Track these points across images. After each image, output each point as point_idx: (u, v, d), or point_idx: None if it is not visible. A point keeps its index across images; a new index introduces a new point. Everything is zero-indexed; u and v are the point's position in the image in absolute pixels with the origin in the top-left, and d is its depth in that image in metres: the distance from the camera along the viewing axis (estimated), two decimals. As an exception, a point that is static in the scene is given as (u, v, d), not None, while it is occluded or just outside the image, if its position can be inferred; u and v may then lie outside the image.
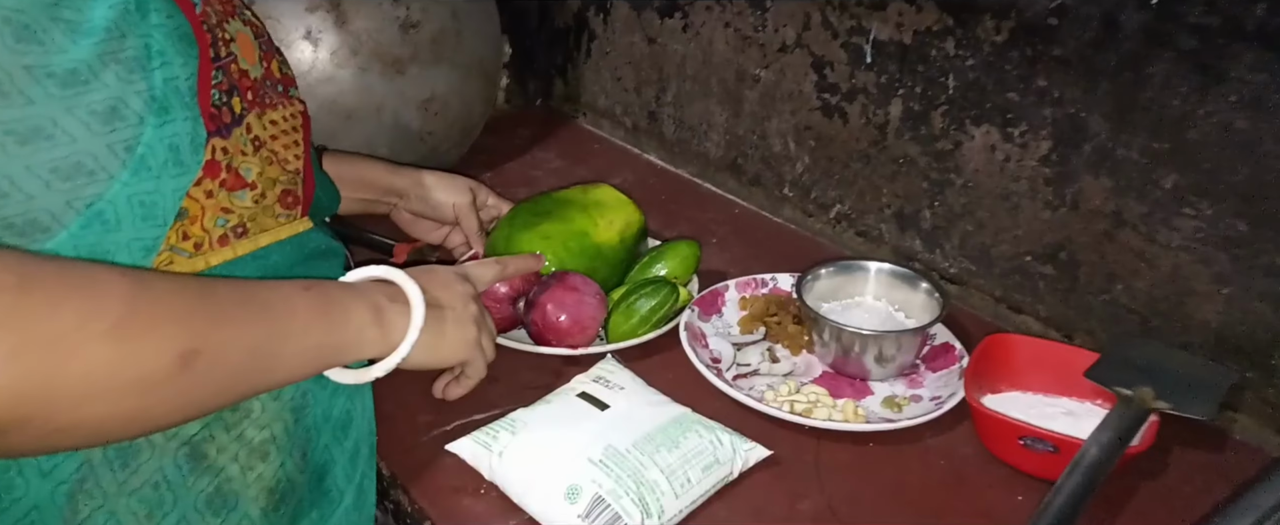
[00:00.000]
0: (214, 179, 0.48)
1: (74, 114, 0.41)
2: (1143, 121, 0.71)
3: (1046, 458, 0.63)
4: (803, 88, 0.97)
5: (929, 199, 0.89)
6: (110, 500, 0.46)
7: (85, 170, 0.42)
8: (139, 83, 0.43)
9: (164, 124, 0.44)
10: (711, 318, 0.81)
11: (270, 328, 0.46)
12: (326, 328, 0.50)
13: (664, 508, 0.58)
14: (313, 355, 0.50)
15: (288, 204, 0.54)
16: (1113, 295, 0.77)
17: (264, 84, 0.53)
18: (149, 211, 0.44)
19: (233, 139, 0.49)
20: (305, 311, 0.49)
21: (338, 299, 0.52)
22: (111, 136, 0.42)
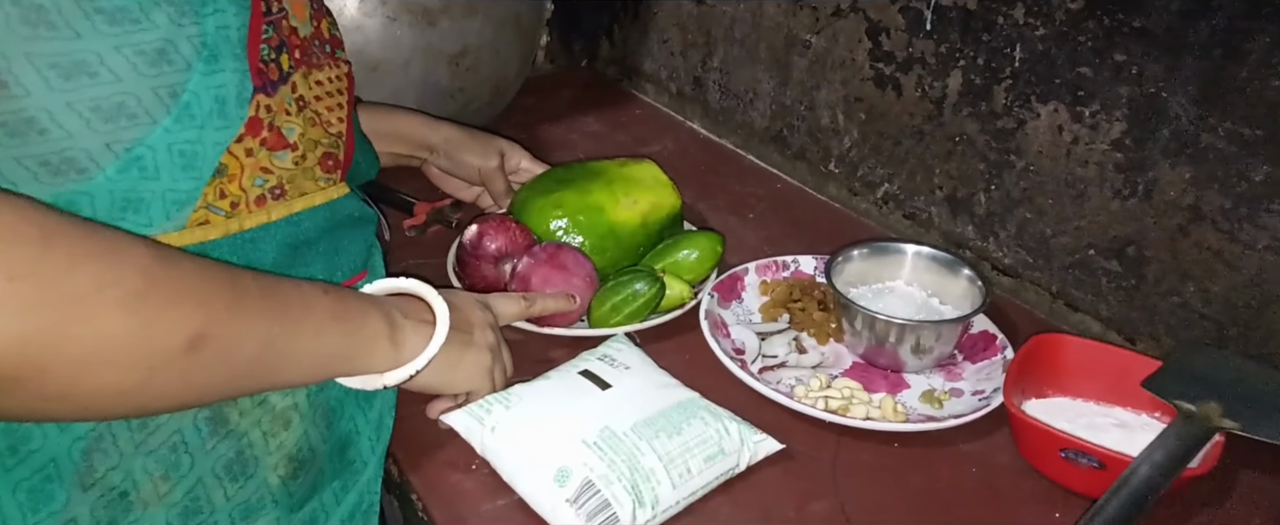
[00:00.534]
0: (255, 137, 0.47)
1: (121, 52, 0.40)
2: (1234, 104, 0.63)
3: (1091, 473, 0.57)
4: (855, 56, 0.90)
5: (985, 182, 0.82)
6: (126, 459, 0.45)
7: (127, 112, 0.41)
8: (190, 27, 0.42)
9: (212, 72, 0.43)
10: (731, 304, 0.76)
11: (285, 325, 0.45)
12: (340, 335, 0.48)
13: (658, 498, 0.54)
14: (322, 361, 0.48)
15: (328, 167, 0.52)
16: (1184, 298, 0.69)
17: (312, 43, 0.52)
18: (189, 162, 0.43)
19: (278, 97, 0.48)
20: (321, 315, 0.47)
21: (355, 308, 0.50)
22: (157, 80, 0.41)
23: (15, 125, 0.39)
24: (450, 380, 0.58)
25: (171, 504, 0.47)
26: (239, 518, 0.50)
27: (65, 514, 0.44)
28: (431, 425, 0.62)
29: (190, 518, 0.48)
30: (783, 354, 0.72)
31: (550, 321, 0.71)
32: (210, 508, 0.49)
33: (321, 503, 0.54)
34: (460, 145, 0.85)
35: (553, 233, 0.76)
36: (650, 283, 0.71)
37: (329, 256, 0.53)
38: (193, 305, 0.40)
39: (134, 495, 0.46)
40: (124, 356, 0.38)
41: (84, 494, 0.44)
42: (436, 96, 0.94)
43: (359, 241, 0.57)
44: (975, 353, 0.71)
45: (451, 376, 0.57)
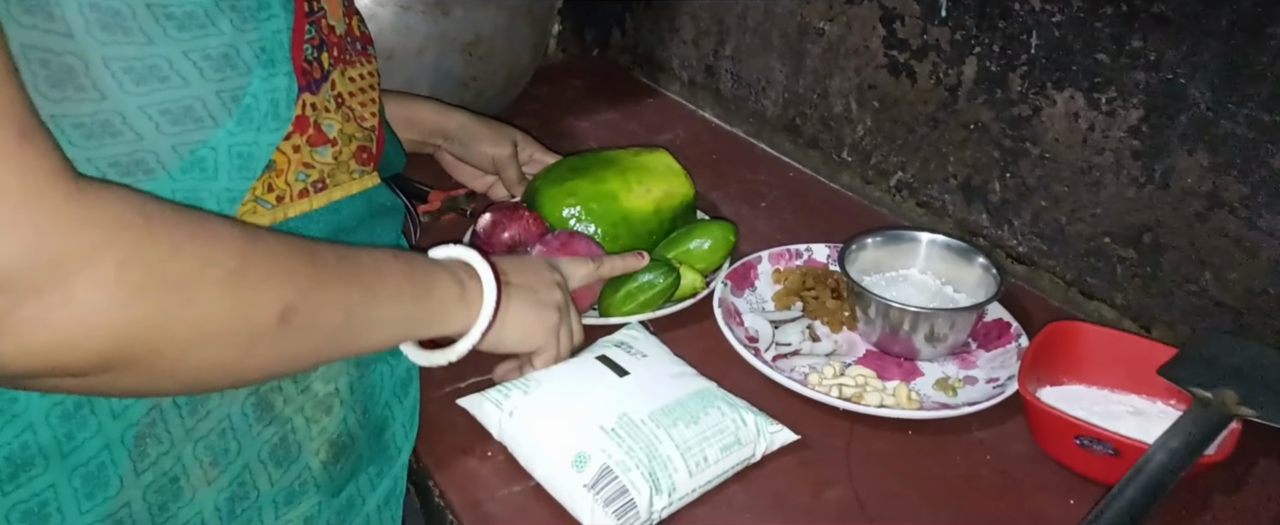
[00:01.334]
0: (301, 134, 0.48)
1: (189, 57, 0.41)
2: (1253, 91, 0.62)
3: (1106, 461, 0.57)
4: (869, 43, 0.90)
5: (1000, 170, 0.81)
6: (177, 445, 0.46)
7: (194, 115, 0.42)
8: (251, 33, 0.44)
9: (269, 76, 0.45)
10: (744, 292, 0.76)
11: (364, 292, 0.47)
12: (414, 296, 0.50)
13: (676, 485, 0.54)
14: (399, 323, 0.50)
15: (362, 160, 0.53)
16: (1201, 285, 0.69)
17: (346, 40, 0.53)
18: (245, 162, 0.45)
19: (320, 95, 0.49)
20: (395, 278, 0.49)
21: (424, 269, 0.52)
22: (221, 84, 0.43)
23: (92, 127, 0.40)
24: (516, 335, 0.58)
25: (219, 489, 0.48)
26: (282, 503, 0.51)
27: (119, 499, 0.45)
28: (449, 410, 0.62)
29: (237, 503, 0.49)
30: (796, 342, 0.72)
31: (565, 309, 0.71)
32: (256, 493, 0.50)
33: (358, 487, 0.55)
34: (474, 133, 0.86)
35: (566, 221, 0.76)
36: (665, 272, 0.71)
37: (366, 243, 0.54)
38: (283, 280, 0.41)
39: (184, 480, 0.47)
40: (225, 333, 0.39)
41: (137, 478, 0.45)
42: (450, 85, 0.94)
43: (390, 230, 0.58)
44: (989, 341, 0.71)
45: (516, 331, 0.58)
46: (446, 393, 0.64)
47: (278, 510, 0.51)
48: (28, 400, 0.42)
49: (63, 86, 0.38)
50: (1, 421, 0.42)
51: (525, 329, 0.59)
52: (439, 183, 0.90)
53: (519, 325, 0.58)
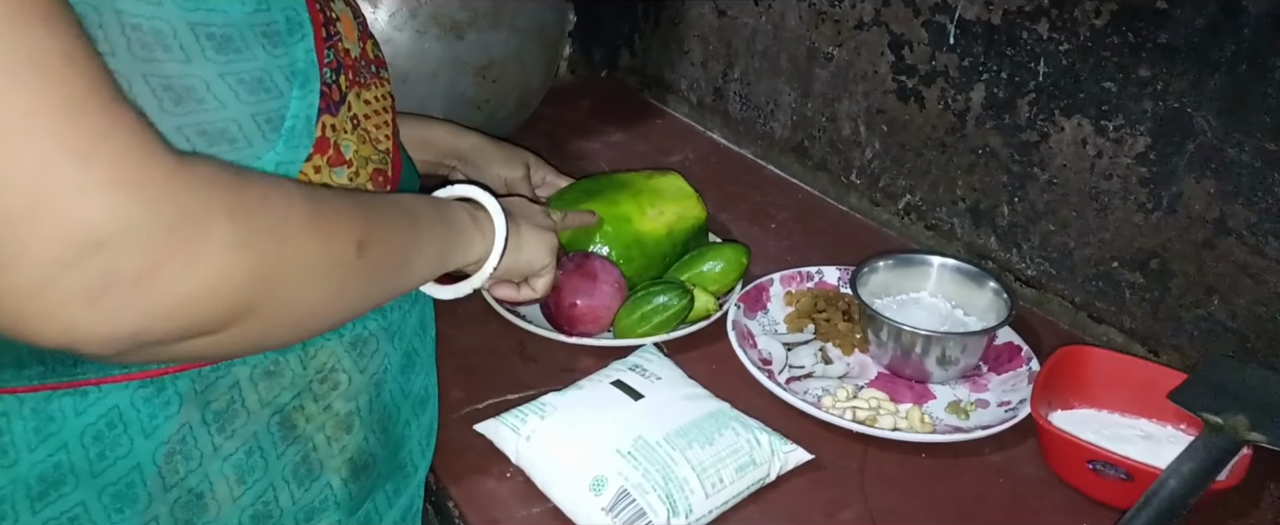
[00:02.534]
0: (322, 155, 0.49)
1: (225, 80, 0.42)
2: (1259, 120, 0.63)
3: (1118, 485, 0.57)
4: (878, 68, 0.91)
5: (1009, 194, 0.82)
6: (205, 463, 0.47)
7: (228, 136, 0.43)
8: (283, 56, 0.44)
9: (304, 96, 0.46)
10: (757, 314, 0.77)
11: (409, 228, 0.50)
12: (446, 231, 0.54)
13: (692, 507, 0.55)
14: (435, 256, 0.53)
15: (378, 183, 0.54)
16: (1208, 310, 0.70)
17: (360, 63, 0.54)
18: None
19: (339, 117, 0.50)
20: (428, 216, 0.52)
21: (439, 203, 0.56)
22: (256, 107, 0.43)
23: None
24: (529, 257, 0.62)
25: (243, 507, 0.49)
26: (303, 520, 0.51)
27: (148, 513, 0.45)
28: (467, 433, 0.63)
29: (260, 520, 0.49)
30: (809, 364, 0.72)
31: (579, 330, 0.72)
32: (278, 510, 0.50)
33: (375, 505, 0.55)
34: (488, 155, 0.87)
35: (581, 243, 0.77)
36: (679, 295, 0.72)
37: None
38: (350, 217, 0.44)
39: (209, 496, 0.47)
40: (319, 269, 0.41)
41: (165, 494, 0.46)
42: (463, 107, 0.95)
43: None
44: (1000, 364, 0.72)
45: (529, 253, 0.62)
46: (464, 414, 0.65)
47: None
48: (63, 421, 0.43)
49: None
50: (36, 440, 0.42)
51: (534, 249, 0.63)
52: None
53: (529, 246, 0.62)
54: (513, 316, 0.74)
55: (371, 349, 0.54)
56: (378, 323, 0.54)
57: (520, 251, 0.61)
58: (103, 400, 0.43)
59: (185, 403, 0.45)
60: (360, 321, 0.53)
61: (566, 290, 0.71)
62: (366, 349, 0.54)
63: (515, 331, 0.74)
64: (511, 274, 0.63)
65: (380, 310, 0.55)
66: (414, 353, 0.59)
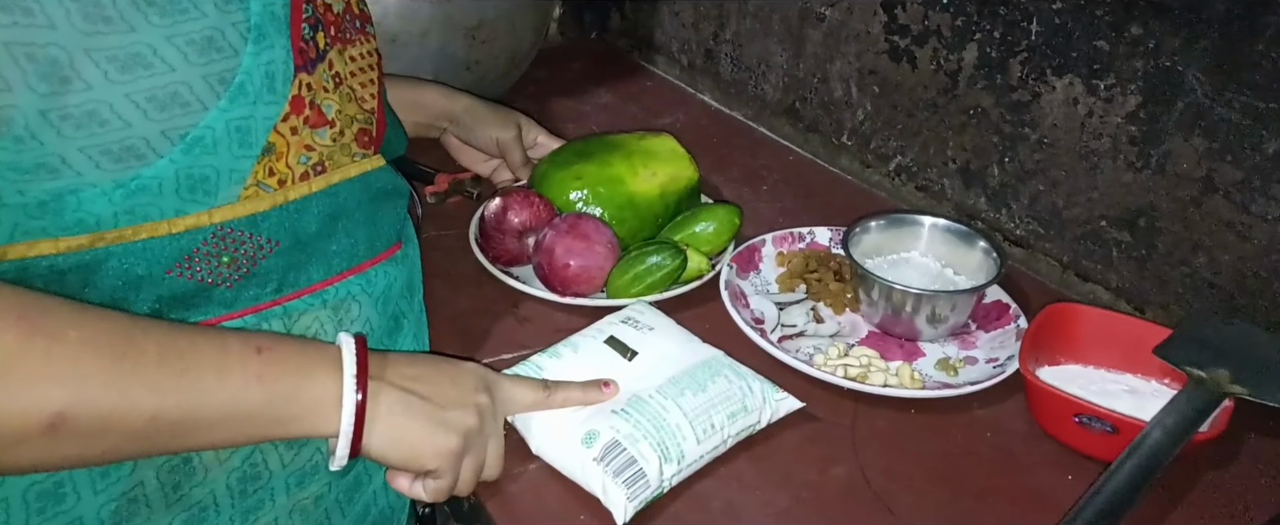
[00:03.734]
0: (299, 115, 0.48)
1: (172, 42, 0.42)
2: (1249, 78, 0.64)
3: (1104, 438, 0.59)
4: (870, 28, 0.91)
5: (999, 154, 0.83)
6: (156, 516, 0.47)
7: (181, 100, 0.42)
8: (236, 13, 0.43)
9: (261, 51, 0.45)
10: (749, 275, 0.78)
11: (184, 397, 0.43)
12: (265, 401, 0.45)
13: (685, 452, 0.56)
14: (243, 425, 0.46)
15: (363, 143, 0.53)
16: (1194, 268, 0.71)
17: (344, 18, 0.53)
18: (244, 137, 0.45)
19: (317, 75, 0.49)
20: (242, 377, 0.45)
21: (296, 366, 0.47)
22: (207, 68, 0.43)
23: (79, 118, 0.40)
24: (400, 454, 0.50)
25: (231, 469, 0.49)
26: (294, 484, 0.52)
27: (133, 478, 0.46)
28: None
29: (249, 483, 0.50)
30: (801, 323, 0.73)
31: (573, 290, 0.72)
32: (267, 474, 0.51)
33: (365, 465, 0.56)
34: (479, 116, 0.86)
35: (572, 204, 0.77)
36: (672, 255, 0.72)
37: (367, 226, 0.55)
38: (57, 384, 0.39)
39: (197, 460, 0.48)
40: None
41: (151, 460, 0.46)
42: (452, 68, 0.94)
43: (392, 213, 0.58)
44: (989, 322, 0.73)
45: (399, 451, 0.50)
46: (459, 374, 0.65)
47: (289, 491, 0.52)
48: None
49: (49, 79, 0.39)
50: None
51: (408, 445, 0.50)
52: (444, 166, 0.90)
53: (397, 440, 0.49)
54: (508, 278, 0.74)
55: (353, 314, 0.54)
56: (360, 285, 0.54)
57: (395, 448, 0.49)
58: None
59: None
60: (342, 285, 0.53)
61: (560, 251, 0.71)
62: (348, 314, 0.53)
63: (510, 292, 0.74)
64: (391, 464, 0.51)
65: (363, 274, 0.54)
66: (401, 315, 0.59)
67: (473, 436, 0.53)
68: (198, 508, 0.49)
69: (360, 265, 0.55)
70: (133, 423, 0.41)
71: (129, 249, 0.44)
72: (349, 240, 0.54)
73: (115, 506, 0.46)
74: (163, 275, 0.46)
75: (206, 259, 0.47)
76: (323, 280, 0.53)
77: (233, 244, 0.47)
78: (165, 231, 0.45)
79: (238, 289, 0.49)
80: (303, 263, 0.51)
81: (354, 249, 0.54)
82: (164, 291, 0.47)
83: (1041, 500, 0.58)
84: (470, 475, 0.54)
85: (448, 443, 0.51)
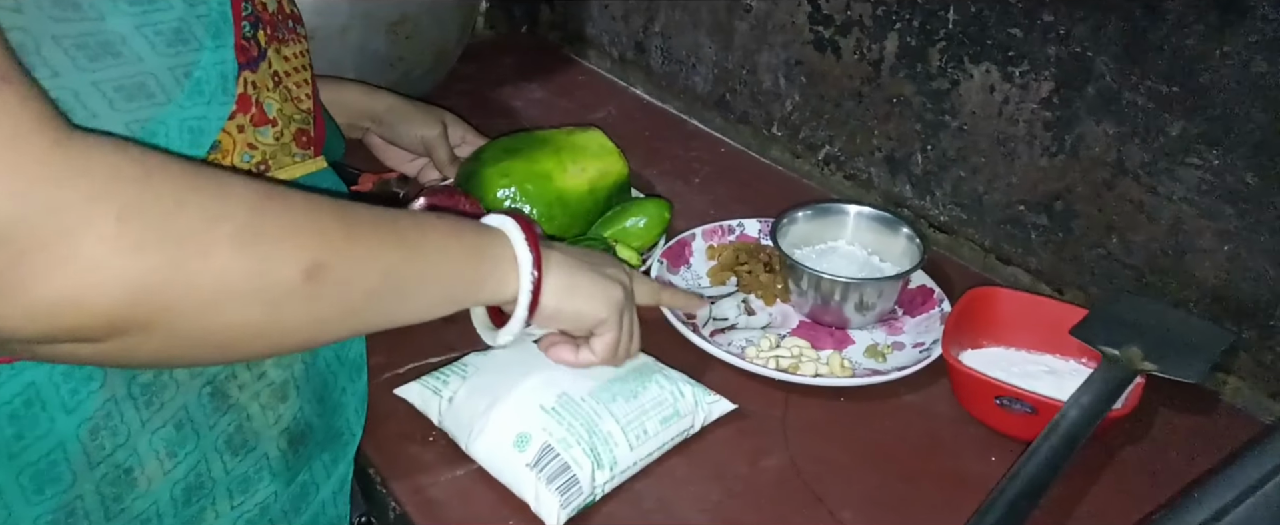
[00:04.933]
0: (245, 113, 0.47)
1: (141, 32, 0.41)
2: (1153, 62, 0.66)
3: (1024, 419, 0.60)
4: (795, 19, 0.91)
5: (922, 142, 0.84)
6: (133, 438, 0.45)
7: (147, 91, 0.41)
8: (201, 6, 0.43)
9: (218, 48, 0.44)
10: (680, 269, 0.78)
11: (405, 251, 0.45)
12: (464, 256, 0.49)
13: (616, 459, 0.55)
14: (450, 285, 0.48)
15: (303, 143, 0.52)
16: (1108, 249, 0.73)
17: (278, 17, 0.52)
18: (196, 137, 0.44)
19: (259, 72, 0.48)
20: (440, 238, 0.48)
21: (473, 228, 0.51)
22: (174, 60, 0.42)
23: None
24: (577, 306, 0.54)
25: (175, 480, 0.47)
26: (237, 491, 0.50)
27: (72, 491, 0.44)
28: (386, 398, 0.62)
29: (192, 492, 0.48)
30: (732, 316, 0.73)
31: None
32: (211, 483, 0.49)
33: (312, 474, 0.55)
34: (403, 114, 0.84)
35: (501, 202, 0.75)
36: (600, 250, 0.71)
37: None
38: (304, 235, 0.40)
39: (139, 472, 0.46)
40: (245, 291, 0.38)
41: (91, 472, 0.44)
42: (376, 65, 0.92)
43: None
44: (914, 307, 0.74)
45: (577, 301, 0.54)
46: (385, 379, 0.64)
47: (232, 498, 0.51)
48: None
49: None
50: None
51: (586, 295, 0.54)
52: (369, 166, 0.88)
53: (576, 289, 0.54)
54: (433, 280, 0.73)
55: None
56: None
57: (569, 299, 0.54)
58: (17, 378, 0.41)
59: (109, 377, 0.43)
60: None
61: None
62: None
63: (437, 295, 0.73)
64: (558, 325, 0.56)
65: None
66: None
67: (628, 289, 0.58)
68: (139, 520, 0.47)
69: None
70: (372, 276, 0.43)
71: None
72: None
73: (52, 519, 0.44)
74: None
75: None
76: None
77: None
78: None
79: None
80: None
81: None
82: None
83: (967, 482, 0.59)
84: (628, 339, 0.58)
85: (614, 292, 0.56)
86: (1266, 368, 0.66)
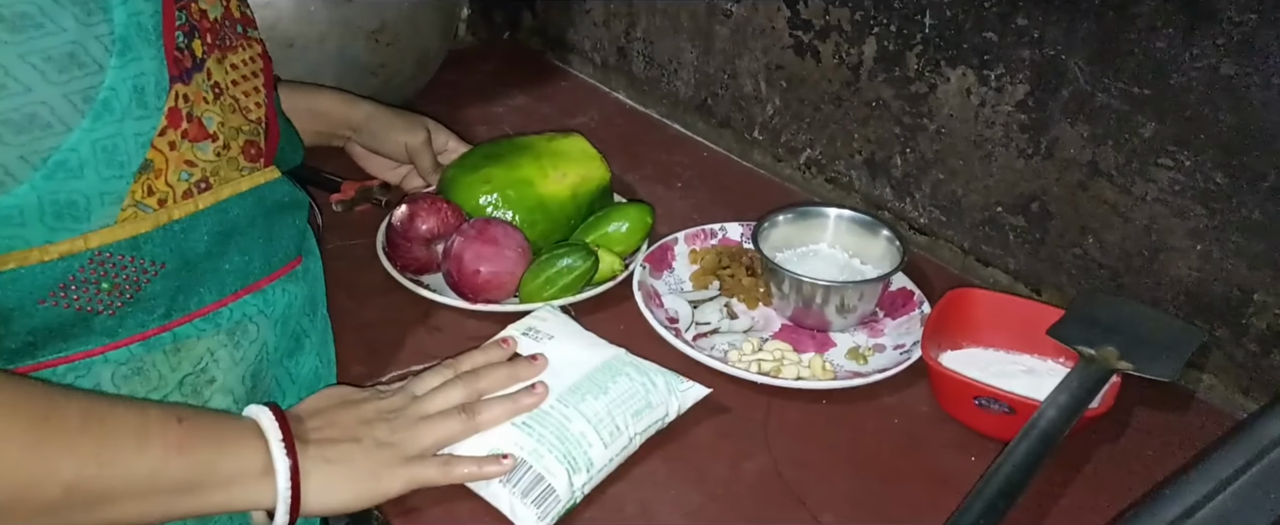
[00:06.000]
0: (176, 129, 0.46)
1: (27, 61, 0.39)
2: (1124, 65, 0.67)
3: (1002, 419, 0.61)
4: (775, 24, 0.92)
5: (901, 145, 0.85)
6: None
7: (40, 122, 0.40)
8: (99, 26, 0.41)
9: (127, 63, 0.42)
10: (663, 274, 0.78)
11: (103, 463, 0.42)
12: (187, 467, 0.45)
13: (592, 460, 0.55)
14: (160, 499, 0.45)
15: (251, 156, 0.51)
16: (1084, 249, 0.74)
17: (223, 24, 0.51)
18: (111, 156, 0.43)
19: (194, 85, 0.47)
20: (162, 446, 0.44)
21: (217, 436, 0.47)
22: (68, 85, 0.40)
23: None
24: (353, 491, 0.50)
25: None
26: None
27: None
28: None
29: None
30: (715, 321, 0.74)
31: (484, 297, 0.71)
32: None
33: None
34: (385, 122, 0.84)
35: (482, 208, 0.76)
36: (583, 256, 0.72)
37: (263, 242, 0.53)
38: (67, 450, 0.39)
39: None
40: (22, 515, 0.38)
41: None
42: (356, 73, 0.92)
43: (290, 227, 0.56)
44: (895, 309, 0.75)
45: (348, 487, 0.50)
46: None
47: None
48: None
49: None
50: None
51: (352, 483, 0.50)
52: (350, 173, 0.88)
53: (340, 485, 0.49)
54: (416, 287, 0.73)
55: (251, 336, 0.52)
56: (257, 305, 0.52)
57: (337, 489, 0.49)
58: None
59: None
60: (237, 306, 0.51)
61: (469, 257, 0.70)
62: (245, 336, 0.52)
63: (419, 302, 0.73)
64: (352, 510, 0.51)
65: (260, 292, 0.53)
66: (303, 334, 0.57)
67: (401, 435, 0.52)
68: None
69: (256, 283, 0.53)
70: (49, 492, 0.41)
71: None
72: (243, 258, 0.52)
73: None
74: (35, 305, 0.44)
75: (84, 286, 0.45)
76: (216, 301, 0.51)
77: (113, 268, 0.45)
78: (36, 259, 0.43)
79: (121, 316, 0.47)
80: (192, 284, 0.49)
81: (248, 267, 0.52)
82: (37, 323, 0.45)
83: (946, 481, 0.59)
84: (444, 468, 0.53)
85: (382, 456, 0.51)
86: (1239, 365, 0.67)
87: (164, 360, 0.49)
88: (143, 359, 0.48)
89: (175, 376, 0.49)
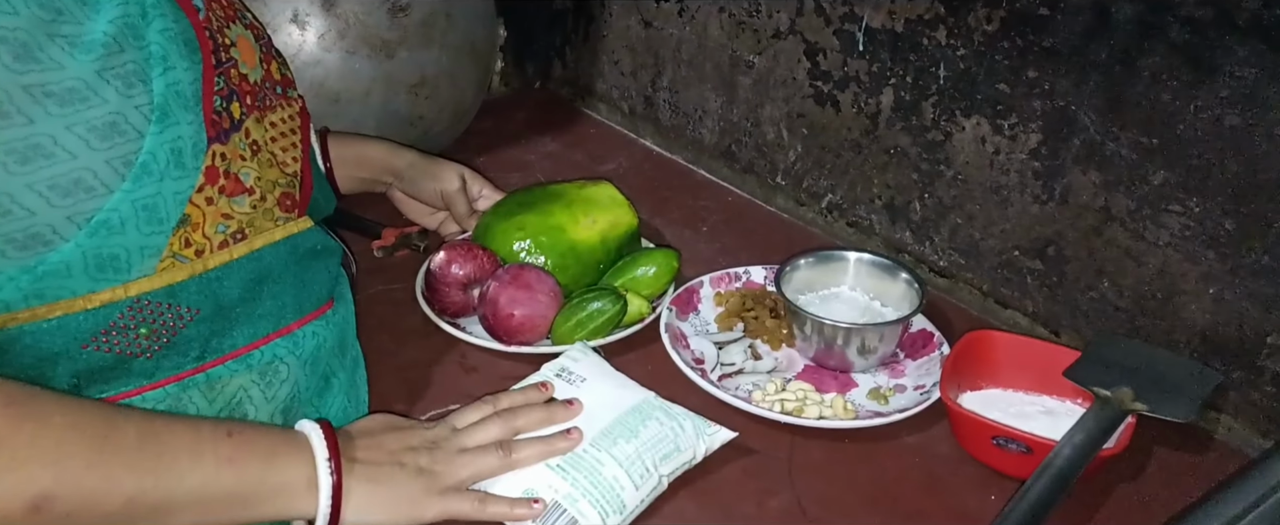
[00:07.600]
0: (214, 185, 0.49)
1: (73, 131, 0.42)
2: (1133, 116, 0.69)
3: (1020, 458, 0.62)
4: (795, 75, 0.96)
5: (919, 190, 0.87)
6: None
7: (84, 186, 0.43)
8: (139, 96, 0.44)
9: (165, 129, 0.45)
10: (689, 316, 0.81)
11: (160, 476, 0.45)
12: (237, 479, 0.48)
13: (624, 502, 0.58)
14: (214, 507, 0.48)
15: (286, 207, 0.54)
16: (1100, 292, 0.76)
17: (263, 86, 0.54)
18: (151, 214, 0.45)
19: (231, 144, 0.50)
20: (214, 460, 0.47)
21: (265, 452, 0.50)
22: (110, 152, 0.44)
23: None
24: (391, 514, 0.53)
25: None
26: None
27: None
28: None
29: None
30: (739, 361, 0.76)
31: (518, 339, 0.75)
32: None
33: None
34: (423, 170, 0.88)
35: (516, 254, 0.79)
36: (612, 300, 0.75)
37: (295, 288, 0.55)
38: (40, 465, 0.41)
39: None
40: None
41: None
42: (397, 124, 0.97)
43: (323, 273, 0.59)
44: (915, 350, 0.77)
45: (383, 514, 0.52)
46: (408, 426, 0.67)
47: None
48: None
49: None
50: None
51: (390, 505, 0.52)
52: (391, 220, 0.93)
53: (379, 505, 0.52)
54: (453, 329, 0.77)
55: (282, 376, 0.54)
56: (287, 347, 0.54)
57: (368, 512, 0.52)
58: None
59: None
60: (268, 348, 0.53)
61: (504, 301, 0.74)
62: (276, 376, 0.54)
63: (456, 343, 0.76)
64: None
65: (290, 335, 0.55)
66: (331, 374, 0.59)
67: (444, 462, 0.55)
68: None
69: (287, 327, 0.55)
70: (111, 504, 0.43)
71: (42, 328, 0.45)
72: (275, 303, 0.54)
73: None
74: (79, 350, 0.47)
75: (123, 332, 0.47)
76: (247, 344, 0.53)
77: (151, 315, 0.48)
78: (81, 307, 0.45)
79: (158, 359, 0.49)
80: (226, 329, 0.52)
81: (281, 311, 0.55)
82: (81, 365, 0.47)
83: (967, 519, 0.61)
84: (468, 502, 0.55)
85: (418, 485, 0.53)
86: (1255, 406, 0.68)
87: (200, 397, 0.51)
88: (179, 398, 0.50)
89: (211, 411, 0.52)
